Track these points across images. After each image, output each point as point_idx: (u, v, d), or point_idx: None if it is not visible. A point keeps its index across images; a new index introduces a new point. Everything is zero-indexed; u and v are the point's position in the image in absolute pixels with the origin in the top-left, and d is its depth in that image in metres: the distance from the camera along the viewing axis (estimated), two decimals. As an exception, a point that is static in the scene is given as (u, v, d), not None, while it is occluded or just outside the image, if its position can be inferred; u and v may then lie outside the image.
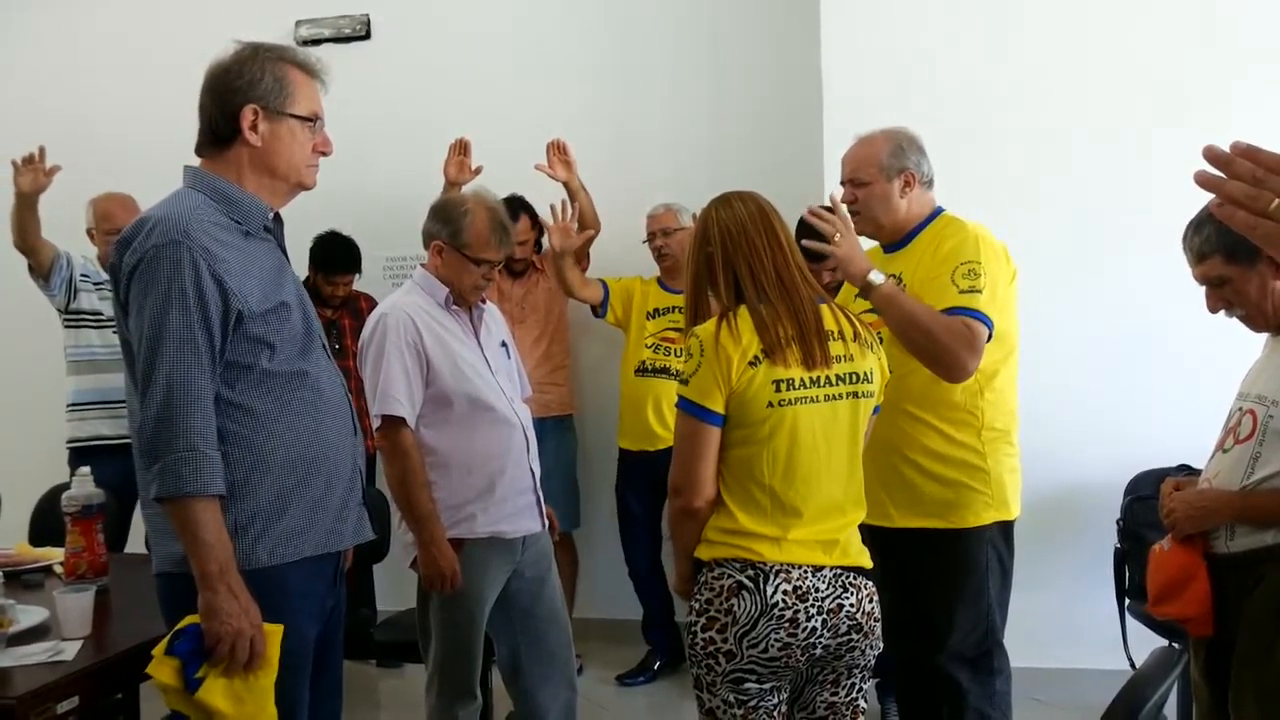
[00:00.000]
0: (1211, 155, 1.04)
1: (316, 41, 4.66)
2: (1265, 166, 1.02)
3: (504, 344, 2.85)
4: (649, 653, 4.21)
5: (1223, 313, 2.19)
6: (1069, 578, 3.66)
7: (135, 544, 2.35)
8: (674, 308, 3.94)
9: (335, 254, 4.24)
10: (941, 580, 2.49)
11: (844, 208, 2.47)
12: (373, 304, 4.32)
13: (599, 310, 4.16)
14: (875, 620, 2.04)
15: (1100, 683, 2.27)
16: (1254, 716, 1.99)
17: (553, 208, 3.96)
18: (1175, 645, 2.27)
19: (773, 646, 1.94)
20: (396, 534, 2.78)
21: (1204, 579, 2.08)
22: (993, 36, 3.75)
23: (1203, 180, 1.04)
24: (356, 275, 4.34)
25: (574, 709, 2.84)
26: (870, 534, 2.59)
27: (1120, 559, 3.33)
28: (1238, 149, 1.04)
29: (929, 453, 2.47)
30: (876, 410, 2.12)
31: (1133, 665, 3.04)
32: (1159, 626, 2.91)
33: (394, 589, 3.89)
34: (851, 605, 1.99)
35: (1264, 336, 2.20)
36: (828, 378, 1.99)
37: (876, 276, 2.36)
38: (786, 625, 1.94)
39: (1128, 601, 3.30)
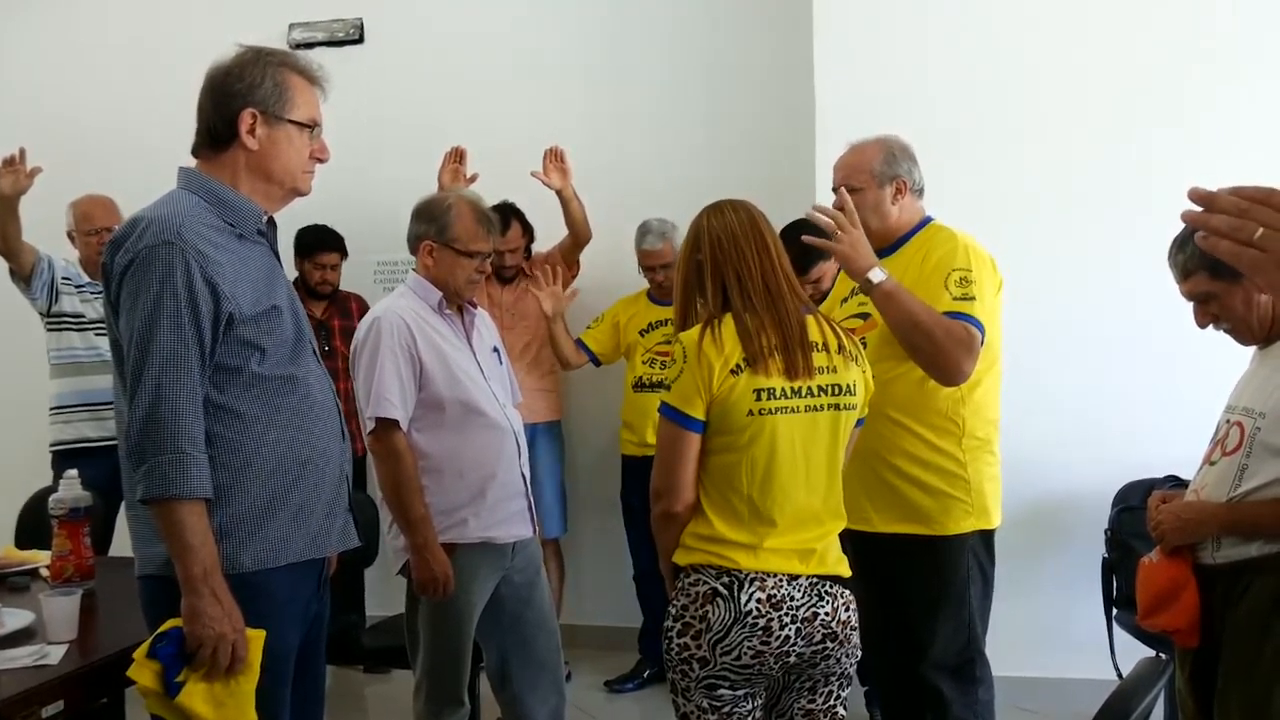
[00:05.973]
0: (1196, 195, 1.07)
1: (309, 45, 4.65)
2: (1249, 199, 1.05)
3: (495, 349, 2.86)
4: (639, 661, 4.20)
5: (1210, 327, 2.20)
6: (1057, 586, 3.67)
7: (121, 547, 2.33)
8: (665, 320, 3.94)
9: (314, 234, 4.31)
10: (922, 588, 2.50)
11: (851, 203, 2.43)
12: (363, 305, 4.33)
13: (596, 364, 4.17)
14: (852, 629, 2.03)
15: (1087, 692, 2.27)
16: (1239, 727, 2.00)
17: (538, 274, 3.95)
18: (1161, 655, 2.28)
19: (745, 654, 1.94)
20: (386, 539, 2.77)
21: (1193, 591, 2.09)
22: (987, 41, 3.75)
23: (1189, 218, 1.07)
24: (342, 259, 4.36)
25: (562, 716, 2.84)
26: (851, 539, 2.59)
27: (1108, 569, 3.34)
28: (1222, 192, 1.07)
29: (910, 458, 2.47)
30: (860, 423, 2.12)
31: (1119, 674, 3.05)
32: (1146, 636, 2.91)
33: (383, 594, 3.88)
34: (827, 614, 1.99)
35: (1252, 349, 2.22)
36: (809, 388, 1.99)
37: (877, 274, 2.32)
38: (760, 633, 1.94)
39: (1115, 611, 3.31)
